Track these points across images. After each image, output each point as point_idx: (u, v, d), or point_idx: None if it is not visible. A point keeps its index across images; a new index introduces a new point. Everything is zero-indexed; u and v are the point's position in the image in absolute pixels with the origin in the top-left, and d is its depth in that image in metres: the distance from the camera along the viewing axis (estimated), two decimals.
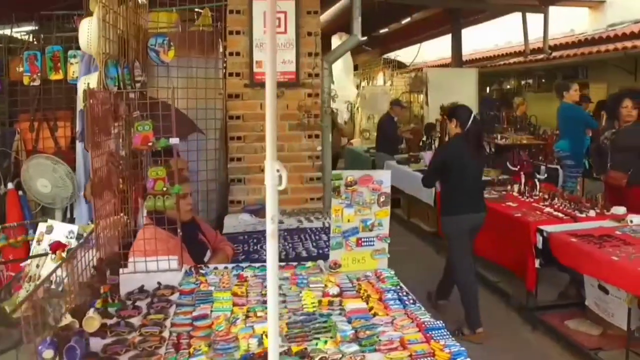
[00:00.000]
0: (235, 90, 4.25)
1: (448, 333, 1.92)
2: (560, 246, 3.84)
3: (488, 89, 11.59)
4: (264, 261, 3.00)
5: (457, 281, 4.20)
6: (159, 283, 2.38)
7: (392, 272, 2.52)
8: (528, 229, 4.15)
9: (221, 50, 4.35)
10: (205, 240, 3.02)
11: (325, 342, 1.86)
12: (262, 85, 4.21)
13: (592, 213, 4.36)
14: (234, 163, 4.35)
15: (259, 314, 2.09)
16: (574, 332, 3.96)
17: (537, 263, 4.09)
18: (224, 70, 4.35)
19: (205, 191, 4.33)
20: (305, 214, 4.27)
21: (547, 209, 4.53)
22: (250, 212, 4.26)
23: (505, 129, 7.98)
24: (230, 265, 2.69)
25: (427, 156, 6.36)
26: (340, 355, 1.77)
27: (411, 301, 2.23)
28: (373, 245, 2.57)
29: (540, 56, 9.06)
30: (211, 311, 2.13)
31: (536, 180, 5.12)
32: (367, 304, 2.19)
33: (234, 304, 2.19)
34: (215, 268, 2.64)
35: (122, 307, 2.16)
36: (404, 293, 2.32)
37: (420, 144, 7.97)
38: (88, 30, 2.58)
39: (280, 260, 2.98)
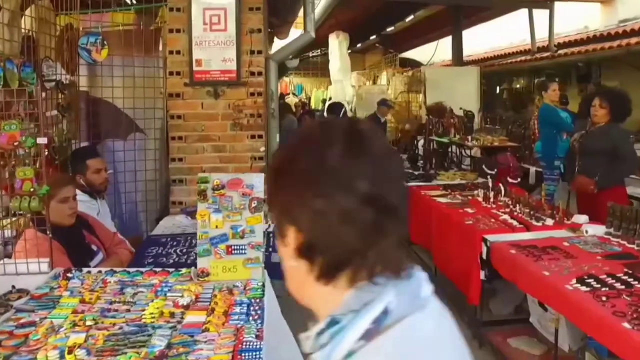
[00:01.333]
0: (175, 89, 4.20)
1: (261, 356, 1.80)
2: (500, 258, 3.62)
3: (498, 88, 11.21)
4: (170, 266, 2.96)
5: None
6: (13, 286, 2.34)
7: (260, 284, 2.41)
8: (474, 238, 3.94)
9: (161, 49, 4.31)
10: (98, 243, 2.97)
11: (130, 357, 1.77)
12: (202, 84, 4.16)
13: (549, 221, 4.11)
14: (175, 163, 4.30)
15: (87, 322, 2.02)
16: (515, 350, 3.73)
17: (482, 275, 3.87)
18: (165, 69, 4.31)
19: (144, 191, 4.31)
20: None
21: (504, 216, 4.30)
22: (187, 214, 4.20)
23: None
24: (104, 270, 2.62)
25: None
26: None
27: (257, 316, 2.11)
28: (245, 253, 2.46)
29: (547, 54, 8.69)
30: (45, 318, 2.07)
31: (501, 184, 4.87)
32: (209, 317, 2.08)
33: (75, 311, 2.13)
34: (89, 272, 2.58)
35: None
36: (257, 308, 2.20)
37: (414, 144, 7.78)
38: None
39: (168, 265, 2.91)
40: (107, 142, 4.32)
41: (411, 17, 10.12)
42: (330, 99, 12.33)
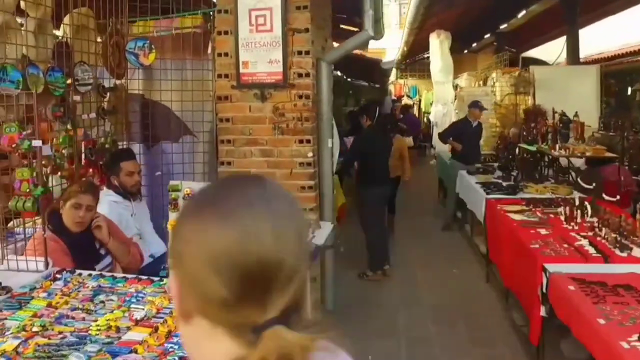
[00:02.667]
0: (224, 92, 4.17)
1: None
2: (557, 293, 3.05)
3: (630, 89, 9.78)
4: None
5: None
6: None
7: None
8: (535, 266, 3.38)
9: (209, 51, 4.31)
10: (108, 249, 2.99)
11: None
12: (248, 86, 4.08)
13: (637, 252, 3.39)
14: (224, 167, 4.27)
15: (35, 328, 2.00)
16: None
17: (542, 311, 3.30)
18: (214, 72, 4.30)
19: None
20: None
21: (582, 242, 3.66)
22: None
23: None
24: (94, 273, 2.62)
25: None
26: None
27: None
28: None
29: None
30: (5, 319, 2.10)
31: (588, 202, 4.15)
32: (150, 335, 1.95)
33: (35, 315, 2.13)
34: (79, 274, 2.60)
35: None
36: None
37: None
38: None
39: None
40: (161, 144, 4.43)
41: (523, 12, 9.22)
42: (432, 103, 11.84)
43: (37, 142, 2.50)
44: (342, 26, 7.39)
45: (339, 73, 10.59)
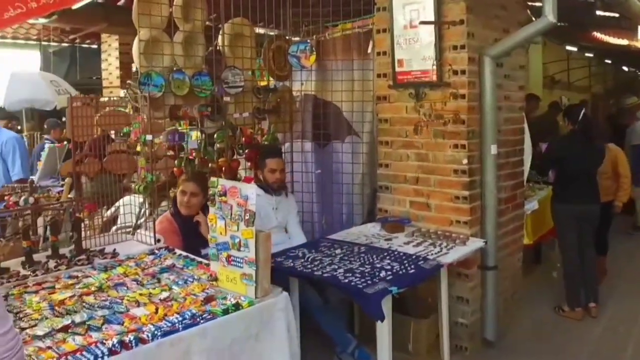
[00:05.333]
0: (382, 92, 4.18)
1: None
2: None
3: None
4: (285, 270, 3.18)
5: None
6: (113, 249, 3.08)
7: (246, 303, 2.34)
8: None
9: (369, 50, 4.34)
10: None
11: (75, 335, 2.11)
12: (404, 86, 4.00)
13: None
14: (382, 169, 4.29)
15: (92, 288, 2.53)
16: None
17: None
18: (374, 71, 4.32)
19: (351, 194, 4.49)
20: (428, 236, 3.81)
21: None
22: (384, 223, 4.14)
23: None
24: (183, 254, 3.06)
25: None
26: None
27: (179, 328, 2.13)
28: (242, 267, 2.44)
29: None
30: (89, 277, 2.70)
31: None
32: (147, 315, 2.23)
33: (108, 278, 2.67)
34: (174, 253, 3.08)
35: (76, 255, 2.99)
36: (198, 321, 2.19)
37: None
38: (137, 48, 3.42)
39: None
40: (332, 143, 4.70)
41: None
42: None
43: (149, 137, 3.09)
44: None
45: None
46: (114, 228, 4.07)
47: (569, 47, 10.42)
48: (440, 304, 3.69)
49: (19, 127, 8.14)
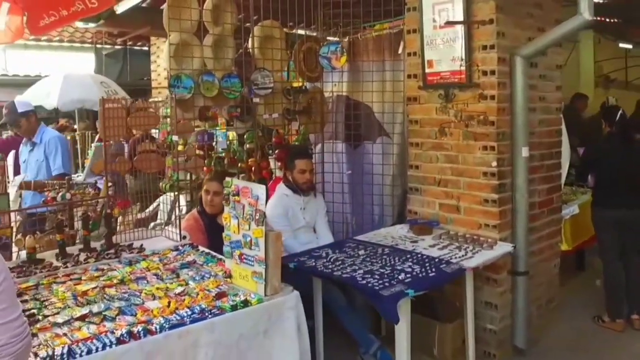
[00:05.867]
0: (412, 93, 4.17)
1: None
2: None
3: None
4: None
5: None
6: (141, 244, 3.24)
7: (254, 300, 2.42)
8: None
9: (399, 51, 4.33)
10: None
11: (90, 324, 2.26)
12: (434, 87, 3.99)
13: None
14: (412, 171, 4.28)
15: (115, 280, 2.68)
16: None
17: None
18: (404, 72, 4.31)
19: (381, 196, 4.50)
20: (455, 239, 3.78)
21: None
22: (412, 225, 4.14)
23: None
24: (205, 250, 3.17)
25: None
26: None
27: (185, 321, 2.23)
28: (253, 265, 2.52)
29: None
30: (114, 270, 2.86)
31: None
32: (159, 308, 2.35)
33: (131, 272, 2.82)
34: (197, 250, 3.20)
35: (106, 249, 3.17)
36: (205, 315, 2.29)
37: None
38: (167, 52, 3.56)
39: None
40: (364, 144, 4.73)
41: None
42: None
43: (175, 137, 3.22)
44: None
45: None
46: (151, 224, 4.26)
47: (622, 45, 9.97)
48: (465, 308, 3.66)
49: (75, 126, 8.62)
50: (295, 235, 4.05)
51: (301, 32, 4.44)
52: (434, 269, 3.24)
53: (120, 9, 5.28)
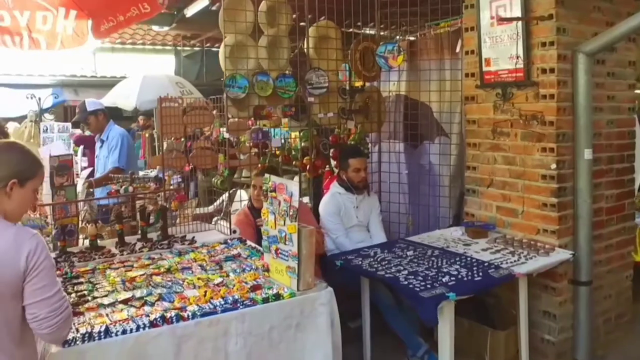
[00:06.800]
0: (470, 92, 4.10)
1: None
2: None
3: None
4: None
5: None
6: (193, 237, 3.43)
7: (287, 294, 2.51)
8: None
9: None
10: None
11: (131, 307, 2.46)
12: (491, 85, 3.91)
13: None
14: (470, 172, 4.21)
15: (162, 269, 2.88)
16: None
17: None
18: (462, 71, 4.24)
19: (438, 197, 4.46)
20: (510, 243, 3.68)
21: None
22: (467, 228, 4.07)
23: None
24: (252, 245, 3.30)
25: None
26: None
27: (217, 310, 2.36)
28: (287, 260, 2.61)
29: None
30: (164, 259, 3.06)
31: None
32: (194, 297, 2.50)
33: (179, 262, 3.01)
34: (244, 243, 3.35)
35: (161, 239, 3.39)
36: (238, 305, 2.41)
37: None
38: (223, 53, 3.71)
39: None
40: (424, 144, 4.70)
41: None
42: None
43: (227, 134, 3.38)
44: None
45: None
46: (215, 218, 4.47)
47: None
48: (518, 316, 3.55)
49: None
50: (347, 233, 4.11)
51: (357, 31, 4.48)
52: (481, 273, 3.19)
53: (189, 12, 5.57)
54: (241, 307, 2.40)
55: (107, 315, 2.27)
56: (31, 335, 1.88)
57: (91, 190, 4.08)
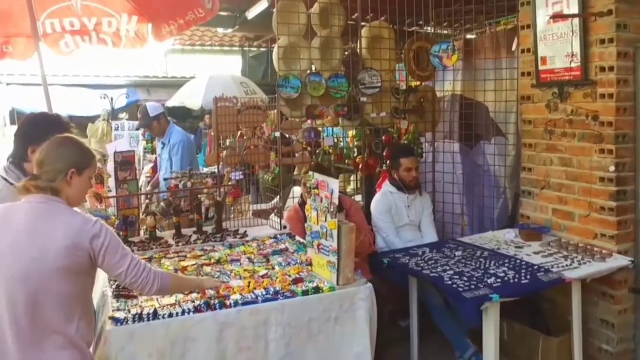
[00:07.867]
0: (526, 91, 4.05)
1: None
2: None
3: None
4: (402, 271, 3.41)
5: None
6: (245, 231, 3.62)
7: (326, 287, 2.63)
8: None
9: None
10: None
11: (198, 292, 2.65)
12: (548, 85, 3.85)
13: None
14: (525, 173, 4.16)
15: (212, 260, 3.07)
16: None
17: None
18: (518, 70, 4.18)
19: (493, 198, 4.43)
20: (565, 247, 3.62)
21: None
22: (521, 229, 4.03)
23: None
24: (300, 240, 3.44)
25: None
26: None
27: (258, 300, 2.51)
28: (328, 255, 2.72)
29: None
30: (216, 251, 3.26)
31: None
32: (239, 286, 2.66)
33: (229, 254, 3.20)
34: (292, 238, 3.49)
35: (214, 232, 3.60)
36: (277, 296, 2.55)
37: None
38: (276, 54, 3.86)
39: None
40: (481, 144, 4.68)
41: None
42: None
43: (277, 133, 3.53)
44: None
45: None
46: (272, 215, 4.66)
47: None
48: (572, 323, 3.48)
49: None
50: (398, 232, 4.16)
51: (411, 29, 4.52)
52: (528, 276, 3.17)
53: (250, 14, 5.80)
54: (281, 298, 2.54)
55: (157, 299, 2.48)
56: (83, 311, 2.07)
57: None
